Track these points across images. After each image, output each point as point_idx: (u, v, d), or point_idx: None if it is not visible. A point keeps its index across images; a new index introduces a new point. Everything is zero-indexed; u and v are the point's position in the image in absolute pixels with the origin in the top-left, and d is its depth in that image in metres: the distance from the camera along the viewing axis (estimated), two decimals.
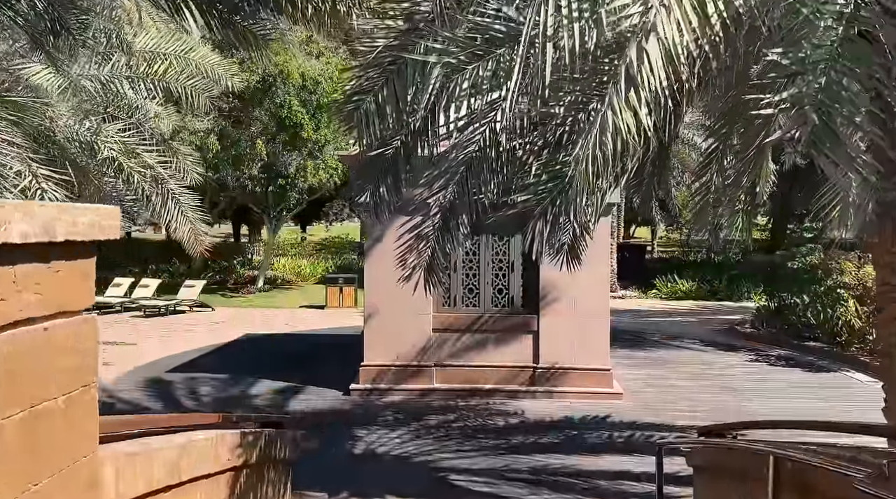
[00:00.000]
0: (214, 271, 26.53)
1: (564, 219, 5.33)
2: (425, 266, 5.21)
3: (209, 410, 9.14)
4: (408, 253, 5.13)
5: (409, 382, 9.73)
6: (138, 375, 11.02)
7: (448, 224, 5.02)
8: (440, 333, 9.80)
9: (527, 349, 9.76)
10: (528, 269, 9.82)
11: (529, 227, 4.79)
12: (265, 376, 10.93)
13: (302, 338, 15.04)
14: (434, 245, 5.14)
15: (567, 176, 4.69)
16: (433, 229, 5.04)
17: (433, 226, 5.02)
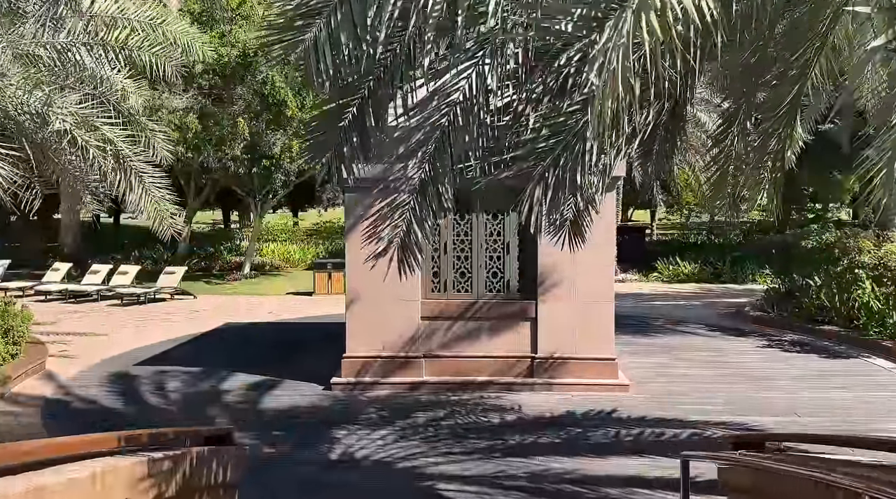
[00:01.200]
0: (200, 258, 25.65)
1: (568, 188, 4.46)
2: (400, 242, 4.33)
3: (176, 408, 8.31)
4: (380, 223, 4.24)
5: (395, 374, 8.90)
6: (103, 368, 10.16)
7: (427, 190, 4.14)
8: (430, 321, 8.95)
9: (524, 338, 8.92)
10: (526, 250, 8.96)
11: (527, 192, 3.93)
12: (241, 368, 10.08)
13: (285, 327, 14.19)
14: (410, 216, 4.27)
15: (572, 129, 3.81)
16: (409, 196, 4.16)
17: (409, 191, 4.14)
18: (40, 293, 18.36)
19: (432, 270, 9.05)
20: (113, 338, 12.67)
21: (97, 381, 9.47)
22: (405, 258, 4.46)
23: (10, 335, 10.16)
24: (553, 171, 3.86)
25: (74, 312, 15.93)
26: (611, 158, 5.03)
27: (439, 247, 9.02)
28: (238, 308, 16.70)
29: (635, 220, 37.04)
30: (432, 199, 4.15)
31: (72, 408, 8.32)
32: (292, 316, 15.53)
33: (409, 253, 4.43)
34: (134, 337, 12.77)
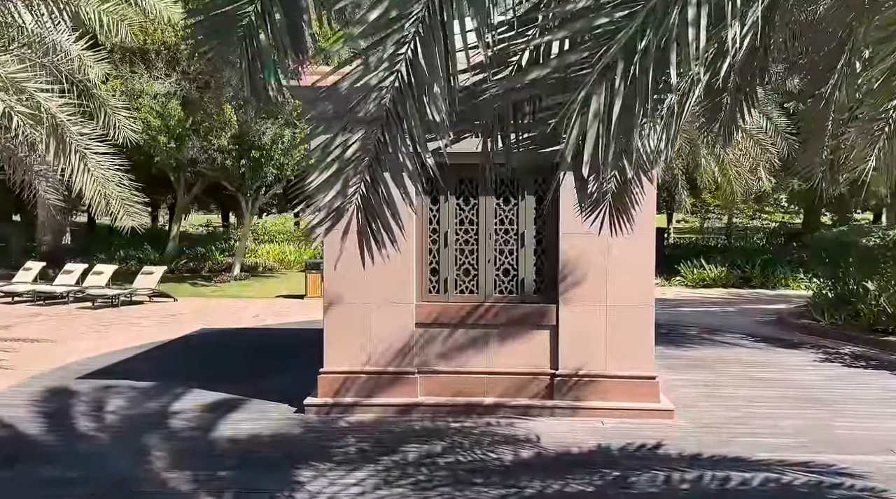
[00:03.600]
0: (189, 258, 24.10)
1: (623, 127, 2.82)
2: (359, 202, 2.66)
3: (108, 435, 6.66)
4: (324, 174, 2.56)
5: (383, 394, 7.22)
6: (40, 383, 8.53)
7: (400, 113, 2.46)
8: (426, 328, 7.28)
9: (542, 350, 7.23)
10: (545, 241, 7.28)
11: (574, 109, 2.26)
12: (202, 384, 8.44)
13: (267, 333, 12.55)
14: (372, 161, 2.58)
15: None
16: (374, 120, 2.48)
17: (368, 114, 2.46)
18: (8, 294, 16.81)
19: (430, 267, 7.38)
20: (66, 345, 11.06)
21: (27, 398, 7.84)
22: (370, 231, 2.79)
23: None
24: (623, 68, 2.19)
25: (37, 316, 14.35)
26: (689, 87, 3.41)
27: (438, 238, 7.35)
28: (220, 312, 15.08)
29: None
30: (411, 120, 2.47)
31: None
32: (277, 321, 13.91)
33: (376, 221, 2.76)
34: (90, 344, 11.15)
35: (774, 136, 17.69)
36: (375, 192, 2.62)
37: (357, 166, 2.51)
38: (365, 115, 2.42)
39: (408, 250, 7.18)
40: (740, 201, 18.62)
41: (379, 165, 2.55)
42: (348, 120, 2.44)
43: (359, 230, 2.69)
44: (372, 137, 2.49)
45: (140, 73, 17.30)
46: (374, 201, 2.64)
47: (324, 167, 2.49)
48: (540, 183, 7.27)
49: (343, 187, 2.53)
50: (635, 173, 4.30)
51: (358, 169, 2.52)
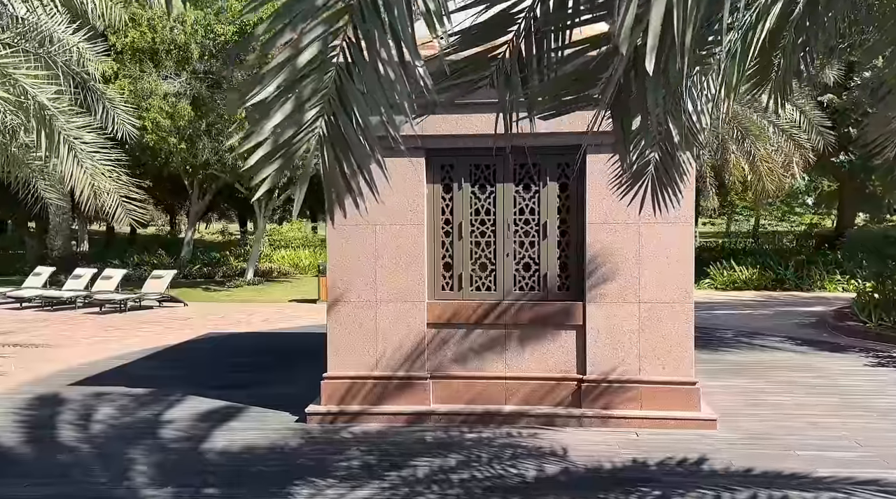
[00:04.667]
0: (203, 264, 23.71)
1: None
2: (324, 129, 1.98)
3: (91, 446, 6.06)
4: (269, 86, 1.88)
5: (392, 401, 6.56)
6: (32, 389, 8.01)
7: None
8: (439, 328, 6.61)
9: (568, 352, 6.52)
10: (570, 232, 6.59)
11: None
12: (201, 390, 7.86)
13: (274, 338, 11.97)
14: (340, 70, 1.92)
15: None
16: (342, 8, 1.81)
17: None
18: (16, 299, 16.45)
19: (443, 262, 6.72)
20: (65, 351, 10.57)
21: (12, 406, 7.31)
22: (339, 172, 2.12)
23: None
24: None
25: (42, 321, 13.91)
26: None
27: (452, 230, 6.69)
28: (230, 317, 14.55)
29: None
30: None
31: None
32: (289, 325, 13.34)
33: (348, 156, 2.10)
34: (91, 350, 10.64)
35: (809, 130, 16.82)
36: (346, 114, 1.96)
37: (319, 77, 1.85)
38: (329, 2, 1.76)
39: (418, 244, 6.54)
40: (773, 197, 17.70)
41: (350, 75, 1.89)
42: (306, 8, 1.77)
43: (324, 171, 2.02)
44: (340, 32, 1.83)
45: (149, 72, 16.91)
46: (344, 129, 1.97)
47: (271, 77, 1.83)
48: (564, 167, 6.59)
49: (298, 107, 1.87)
50: (684, 136, 3.61)
51: (321, 81, 1.86)
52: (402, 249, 6.56)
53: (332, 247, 6.62)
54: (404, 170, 6.52)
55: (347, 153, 2.00)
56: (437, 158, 6.62)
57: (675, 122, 3.56)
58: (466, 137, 6.44)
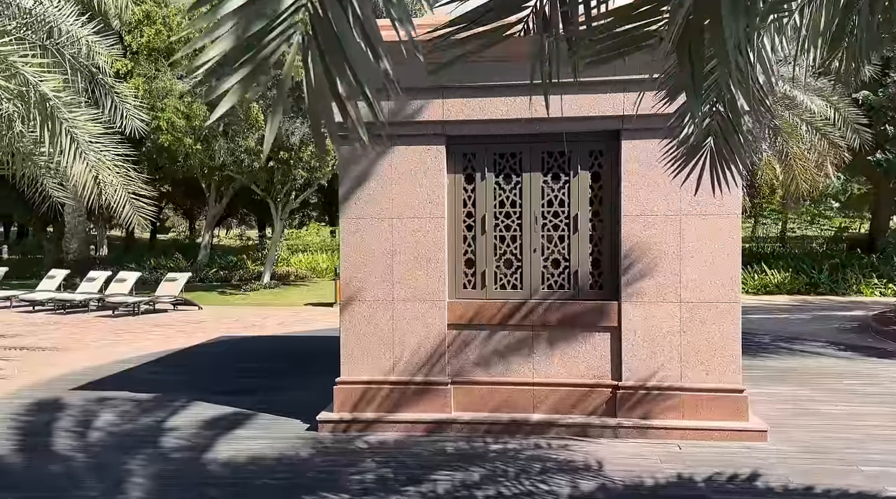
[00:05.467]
0: (220, 267, 23.44)
1: None
2: (308, 28, 1.49)
3: (86, 456, 5.63)
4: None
5: (409, 408, 6.06)
6: (31, 394, 7.63)
7: None
8: (460, 329, 6.11)
9: (601, 356, 5.99)
10: (603, 225, 6.06)
11: None
12: (208, 395, 7.43)
13: (288, 341, 11.54)
14: None
15: None
16: None
17: None
18: (29, 303, 16.23)
19: (464, 258, 6.23)
20: (72, 354, 10.22)
21: (10, 411, 6.92)
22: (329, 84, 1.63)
23: None
24: None
25: (54, 324, 13.62)
26: None
27: (474, 223, 6.19)
28: (244, 320, 14.17)
29: None
30: None
31: None
32: (303, 329, 12.92)
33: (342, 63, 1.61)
34: (98, 353, 10.29)
35: (843, 128, 16.10)
36: (340, 4, 1.47)
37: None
38: None
39: (438, 238, 6.05)
40: (806, 197, 16.98)
41: None
42: None
43: (308, 88, 1.53)
44: None
45: (164, 70, 16.64)
46: (336, 24, 1.48)
47: None
48: (597, 155, 6.07)
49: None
50: (751, 101, 3.09)
51: None
52: (421, 245, 6.08)
53: (345, 242, 6.15)
54: (423, 158, 6.05)
55: (342, 62, 1.50)
56: (459, 145, 6.14)
57: (741, 84, 3.05)
58: (490, 122, 5.95)
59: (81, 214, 22.44)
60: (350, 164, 6.11)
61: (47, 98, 7.20)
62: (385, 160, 6.08)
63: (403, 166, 6.06)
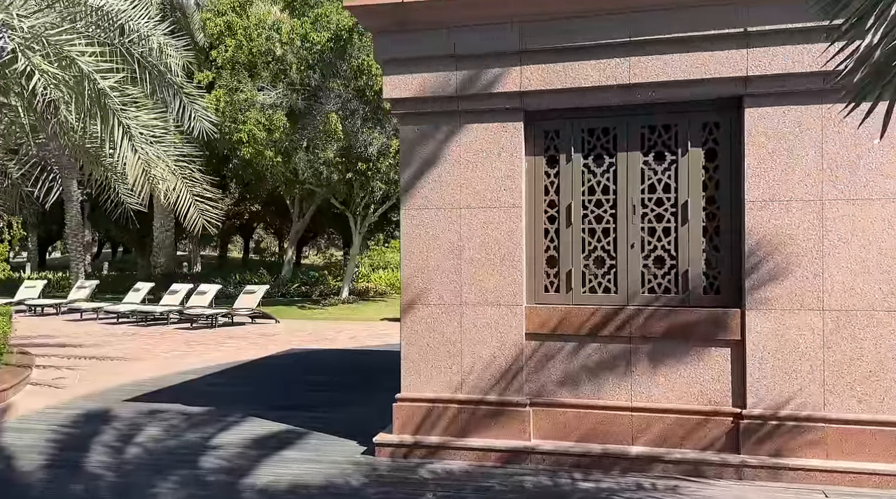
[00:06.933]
0: (302, 283, 23.35)
1: None
2: None
3: (115, 476, 5.01)
4: None
5: (480, 433, 5.10)
6: (83, 404, 7.22)
7: None
8: (541, 340, 5.11)
9: (719, 377, 4.82)
10: (720, 215, 4.93)
11: None
12: (262, 410, 6.77)
13: (358, 355, 10.84)
14: None
15: None
16: None
17: None
18: (114, 314, 16.43)
19: (546, 254, 5.24)
20: (139, 364, 9.90)
21: (55, 422, 6.48)
22: None
23: None
24: None
25: (132, 335, 13.56)
26: None
27: (558, 214, 5.20)
28: (317, 333, 13.65)
29: None
30: None
31: None
32: (375, 343, 12.21)
33: None
34: (165, 364, 9.92)
35: None
36: None
37: None
38: None
39: (515, 232, 5.11)
40: None
41: None
42: None
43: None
44: None
45: (245, 82, 16.63)
46: None
47: None
48: (711, 129, 4.97)
49: None
50: None
51: None
52: (494, 239, 5.15)
53: (406, 236, 5.31)
54: (497, 138, 5.14)
55: None
56: (540, 121, 5.19)
57: None
58: (577, 91, 4.98)
59: (169, 229, 22.94)
60: (414, 146, 5.29)
61: (101, 89, 6.83)
62: (453, 141, 5.21)
63: (474, 148, 5.18)
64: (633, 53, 4.82)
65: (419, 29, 5.11)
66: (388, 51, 5.19)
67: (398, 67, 5.19)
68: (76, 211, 22.99)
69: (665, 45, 4.78)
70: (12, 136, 8.62)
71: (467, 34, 5.04)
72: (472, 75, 5.06)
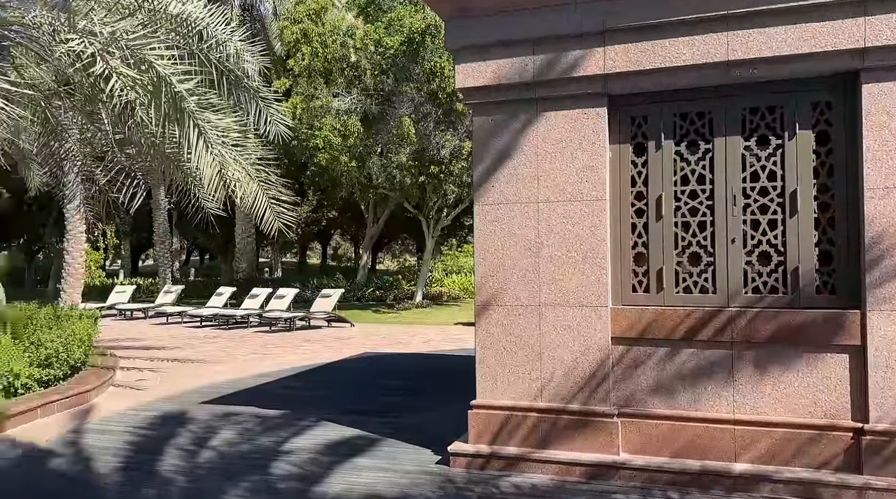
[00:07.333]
0: (376, 287, 23.45)
1: None
2: None
3: (186, 480, 4.93)
4: None
5: (563, 444, 4.72)
6: (161, 406, 7.28)
7: None
8: (629, 345, 4.69)
9: (835, 386, 4.27)
10: (835, 204, 4.38)
11: None
12: (336, 415, 6.62)
13: (432, 359, 10.61)
14: None
15: None
16: None
17: None
18: (197, 317, 16.91)
19: (633, 251, 4.82)
20: (218, 367, 10.01)
21: (133, 423, 6.53)
22: None
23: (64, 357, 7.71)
24: None
25: (213, 338, 13.86)
26: None
27: (647, 206, 4.78)
28: (391, 337, 13.54)
29: None
30: None
31: (36, 468, 5.34)
32: (449, 347, 11.96)
33: None
34: (242, 366, 10.00)
35: None
36: None
37: None
38: None
39: (598, 227, 4.72)
40: None
41: None
42: None
43: None
44: None
45: (320, 89, 16.80)
46: None
47: None
48: (823, 109, 4.43)
49: None
50: None
51: None
52: (575, 235, 4.78)
53: (479, 233, 5.01)
54: (578, 125, 4.77)
55: None
56: (626, 106, 4.79)
57: None
58: (668, 71, 4.55)
59: (250, 236, 23.54)
60: (488, 138, 4.99)
61: (177, 92, 6.87)
62: (530, 131, 4.88)
63: (553, 137, 4.82)
64: (731, 27, 4.35)
65: (493, 13, 4.82)
66: (460, 38, 4.92)
67: (471, 55, 4.91)
68: (163, 219, 23.97)
69: (769, 16, 4.29)
70: (98, 143, 8.88)
71: (546, 15, 4.70)
72: (551, 59, 4.71)
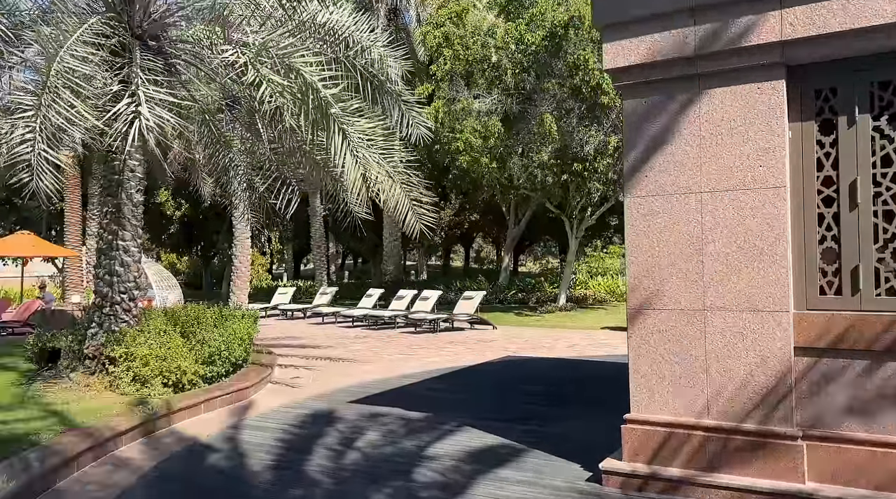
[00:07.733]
0: (518, 289, 23.16)
1: None
2: None
3: (332, 482, 4.91)
4: None
5: (735, 468, 4.13)
6: (311, 404, 7.47)
7: None
8: (817, 357, 4.02)
9: None
10: None
11: None
12: (479, 420, 6.42)
13: (578, 365, 10.11)
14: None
15: None
16: None
17: None
18: (349, 318, 17.57)
19: (821, 247, 4.13)
20: (366, 366, 10.21)
21: (285, 421, 6.72)
22: None
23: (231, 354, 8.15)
24: None
25: (363, 338, 14.26)
26: None
27: (838, 194, 4.07)
28: (534, 341, 13.17)
29: None
30: None
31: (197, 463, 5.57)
32: (596, 353, 11.37)
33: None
34: (389, 366, 10.11)
35: None
36: None
37: None
38: None
39: (776, 219, 4.09)
40: None
41: None
42: None
43: None
44: None
45: (461, 91, 16.80)
46: None
47: None
48: None
49: None
50: None
51: None
52: (747, 229, 4.18)
53: (632, 228, 4.54)
54: (750, 102, 4.17)
55: None
56: (808, 78, 4.12)
57: None
58: (863, 33, 3.84)
59: (396, 239, 24.16)
60: (641, 123, 4.51)
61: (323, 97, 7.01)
62: (690, 112, 4.35)
63: (719, 116, 4.26)
64: None
65: None
66: (609, 13, 4.50)
67: (621, 32, 4.47)
68: (320, 224, 25.28)
69: None
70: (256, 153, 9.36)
71: None
72: (715, 29, 4.16)
